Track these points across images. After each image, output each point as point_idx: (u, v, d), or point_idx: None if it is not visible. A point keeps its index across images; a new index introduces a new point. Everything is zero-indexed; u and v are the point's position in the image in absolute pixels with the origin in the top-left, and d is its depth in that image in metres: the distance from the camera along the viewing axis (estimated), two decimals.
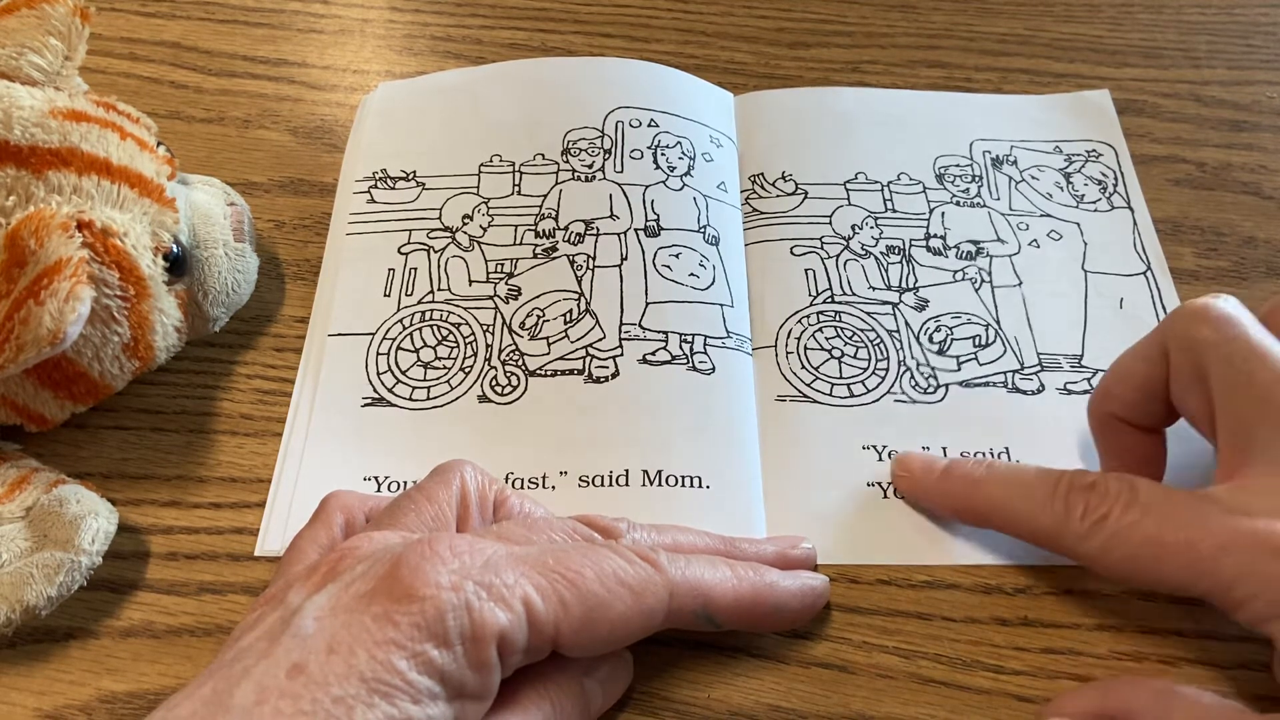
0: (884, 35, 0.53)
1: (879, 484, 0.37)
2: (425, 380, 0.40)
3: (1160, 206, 0.46)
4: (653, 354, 0.40)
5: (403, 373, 0.40)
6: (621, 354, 0.40)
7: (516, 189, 0.45)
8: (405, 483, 0.37)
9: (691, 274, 0.42)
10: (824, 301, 0.42)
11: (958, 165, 0.47)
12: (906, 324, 0.42)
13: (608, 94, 0.48)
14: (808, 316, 0.42)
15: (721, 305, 0.41)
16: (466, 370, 0.40)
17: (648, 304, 0.41)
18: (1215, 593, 0.29)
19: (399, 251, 0.43)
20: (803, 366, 0.40)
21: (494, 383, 0.40)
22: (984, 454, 0.38)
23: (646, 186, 0.45)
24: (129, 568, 0.35)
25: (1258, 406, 0.30)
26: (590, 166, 0.45)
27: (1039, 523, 0.33)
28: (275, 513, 0.36)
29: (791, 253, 0.44)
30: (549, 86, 0.49)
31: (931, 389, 0.40)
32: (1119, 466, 0.35)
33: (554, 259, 0.43)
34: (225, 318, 0.40)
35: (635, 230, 0.43)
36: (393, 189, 0.46)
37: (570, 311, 0.41)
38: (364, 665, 0.25)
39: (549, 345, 0.40)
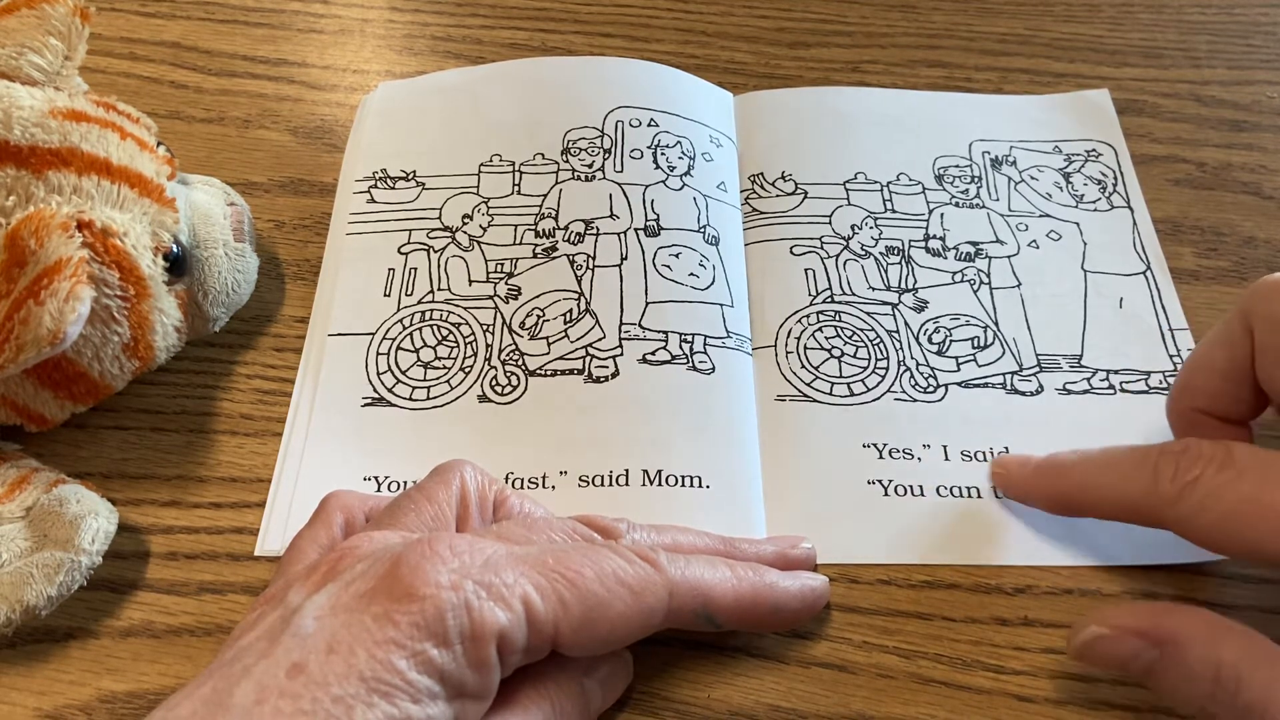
0: (884, 35, 0.53)
1: (879, 483, 0.37)
2: (425, 380, 0.40)
3: (1160, 206, 0.46)
4: (653, 354, 0.40)
5: (403, 373, 0.40)
6: (621, 354, 0.40)
7: (516, 189, 0.45)
8: (405, 483, 0.37)
9: (691, 274, 0.42)
10: (824, 301, 0.42)
11: (957, 166, 0.47)
12: (906, 324, 0.42)
13: (608, 94, 0.48)
14: (807, 316, 0.42)
15: (721, 305, 0.41)
16: (466, 370, 0.40)
17: (648, 304, 0.41)
18: None
19: (399, 251, 0.43)
20: (803, 366, 0.40)
21: (494, 382, 0.40)
22: (984, 453, 0.38)
23: (646, 186, 0.45)
24: (129, 568, 0.35)
25: None
26: (590, 166, 0.45)
27: (1127, 493, 0.31)
28: (275, 513, 0.36)
29: (791, 253, 0.44)
30: (549, 86, 0.49)
31: (931, 388, 0.40)
32: None
33: (554, 259, 0.43)
34: (225, 318, 0.40)
35: (635, 230, 0.43)
36: (393, 189, 0.46)
37: (570, 311, 0.41)
38: (364, 665, 0.25)
39: (549, 345, 0.40)
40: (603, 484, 0.37)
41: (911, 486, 0.37)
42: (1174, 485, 0.30)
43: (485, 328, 0.41)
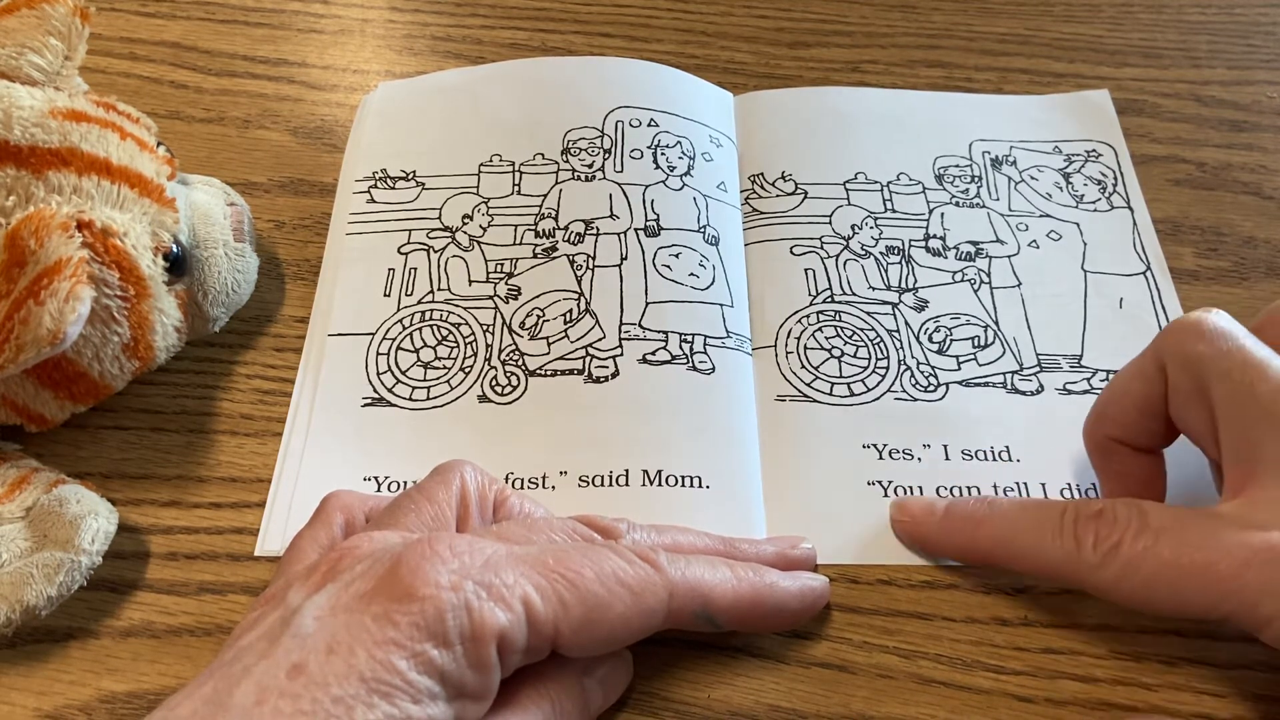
0: (884, 35, 0.53)
1: (879, 483, 0.37)
2: (425, 380, 0.40)
3: (1160, 206, 0.46)
4: (653, 354, 0.40)
5: (403, 373, 0.40)
6: (621, 354, 0.40)
7: (516, 189, 0.45)
8: (405, 483, 0.37)
9: (691, 274, 0.42)
10: (824, 301, 0.42)
11: (957, 166, 0.47)
12: (906, 324, 0.42)
13: (608, 94, 0.48)
14: (807, 316, 0.42)
15: (721, 305, 0.41)
16: (466, 370, 0.40)
17: (648, 304, 0.41)
18: (1240, 613, 0.29)
19: (399, 251, 0.43)
20: (803, 366, 0.40)
21: (494, 383, 0.40)
22: (984, 452, 0.38)
23: (646, 186, 0.45)
24: (129, 568, 0.35)
25: (1261, 420, 0.30)
26: (590, 166, 0.45)
27: (1049, 556, 0.32)
28: (275, 513, 0.36)
29: (791, 253, 0.44)
30: (549, 86, 0.49)
31: (931, 388, 0.40)
32: (1119, 490, 0.35)
33: (554, 259, 0.43)
34: (225, 318, 0.40)
35: (635, 230, 0.43)
36: (392, 189, 0.46)
37: (570, 311, 0.41)
38: (364, 665, 0.25)
39: (549, 345, 0.40)
40: (603, 484, 0.37)
41: (911, 486, 0.37)
42: (1096, 553, 0.31)
43: (485, 328, 0.41)
